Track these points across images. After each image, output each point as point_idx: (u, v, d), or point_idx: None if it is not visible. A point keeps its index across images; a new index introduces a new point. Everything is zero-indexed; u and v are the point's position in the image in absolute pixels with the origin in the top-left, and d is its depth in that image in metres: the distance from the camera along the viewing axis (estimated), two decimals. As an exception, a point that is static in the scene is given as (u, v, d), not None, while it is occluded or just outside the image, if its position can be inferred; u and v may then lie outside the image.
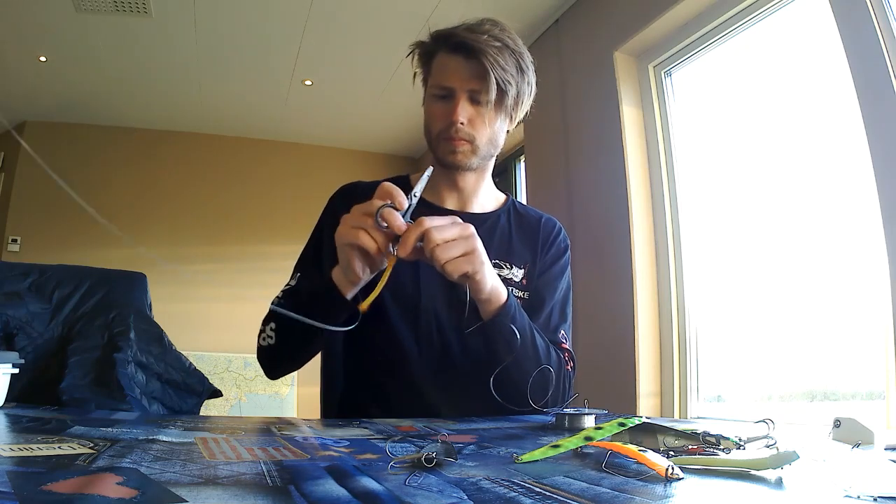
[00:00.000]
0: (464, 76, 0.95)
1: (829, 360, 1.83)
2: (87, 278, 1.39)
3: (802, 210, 1.93)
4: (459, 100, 0.95)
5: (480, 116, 0.96)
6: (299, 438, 0.57)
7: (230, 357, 4.14)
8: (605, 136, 2.50)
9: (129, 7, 2.90)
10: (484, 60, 0.92)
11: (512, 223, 1.11)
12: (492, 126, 0.98)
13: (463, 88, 0.95)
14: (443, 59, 0.98)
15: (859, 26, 1.59)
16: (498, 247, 1.06)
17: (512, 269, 1.04)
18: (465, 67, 0.94)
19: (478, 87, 0.94)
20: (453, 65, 0.95)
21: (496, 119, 0.98)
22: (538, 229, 1.11)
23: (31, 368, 1.14)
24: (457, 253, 0.79)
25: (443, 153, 0.99)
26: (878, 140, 1.54)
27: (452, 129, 0.96)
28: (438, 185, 1.07)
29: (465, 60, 0.94)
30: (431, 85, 1.00)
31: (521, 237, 1.09)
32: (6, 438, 0.52)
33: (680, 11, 2.18)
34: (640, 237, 2.35)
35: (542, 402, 0.88)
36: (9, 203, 4.10)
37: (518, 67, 0.97)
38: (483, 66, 0.92)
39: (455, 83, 0.95)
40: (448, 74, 0.96)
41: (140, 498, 0.32)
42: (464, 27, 0.96)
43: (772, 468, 0.42)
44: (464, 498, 0.35)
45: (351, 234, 0.78)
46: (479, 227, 1.06)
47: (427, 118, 1.01)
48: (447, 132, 0.97)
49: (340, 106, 4.08)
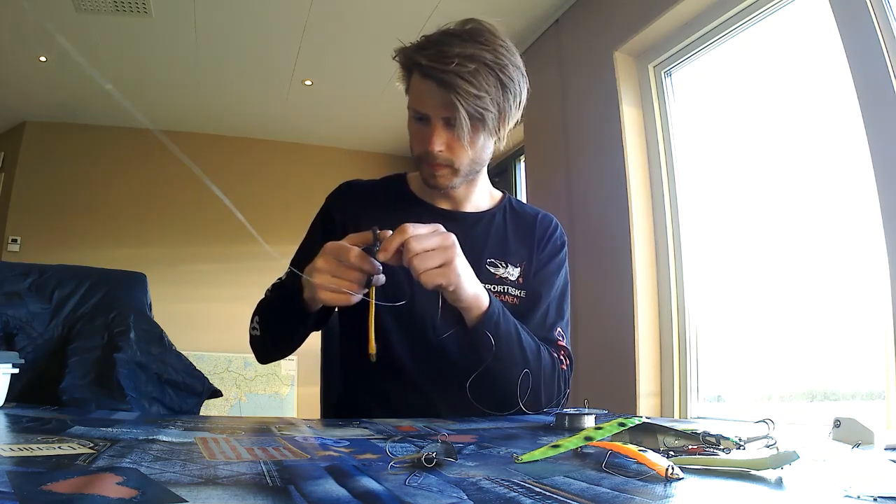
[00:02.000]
0: (436, 104, 0.90)
1: (829, 360, 1.83)
2: (87, 278, 1.39)
3: (802, 210, 1.93)
4: (435, 128, 0.92)
5: (458, 141, 0.92)
6: (299, 438, 0.57)
7: (230, 357, 4.14)
8: (605, 136, 2.50)
9: (129, 7, 2.90)
10: (452, 96, 0.87)
11: (508, 221, 1.09)
12: (473, 147, 0.95)
13: (437, 116, 0.91)
14: (417, 81, 0.93)
15: (859, 26, 1.59)
16: (494, 245, 1.05)
17: (508, 268, 1.04)
18: (437, 94, 0.89)
19: (452, 115, 0.90)
20: (427, 91, 0.91)
21: (476, 141, 0.94)
22: (534, 226, 1.10)
23: (31, 368, 1.14)
24: (433, 264, 0.79)
25: (425, 176, 0.98)
26: (878, 140, 1.54)
27: (430, 156, 0.94)
28: (430, 193, 1.06)
29: (437, 87, 0.89)
30: (409, 104, 0.97)
31: (518, 235, 1.08)
32: (6, 438, 0.52)
33: (680, 11, 2.18)
34: (640, 237, 2.35)
35: (532, 404, 0.88)
36: (9, 203, 4.10)
37: (499, 84, 0.90)
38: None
39: (429, 110, 0.92)
40: (422, 100, 0.92)
41: (140, 498, 0.32)
42: (432, 52, 0.89)
43: (772, 468, 0.42)
44: (464, 498, 0.35)
45: (329, 296, 0.81)
46: (474, 226, 1.06)
47: (409, 136, 1.00)
48: (426, 157, 0.95)
49: (340, 106, 4.08)
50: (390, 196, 1.09)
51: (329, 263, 0.80)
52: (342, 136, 4.60)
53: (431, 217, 1.03)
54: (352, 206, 1.07)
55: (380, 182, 1.14)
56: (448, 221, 1.02)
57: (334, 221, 1.06)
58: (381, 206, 1.07)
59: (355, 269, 0.79)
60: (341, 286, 0.79)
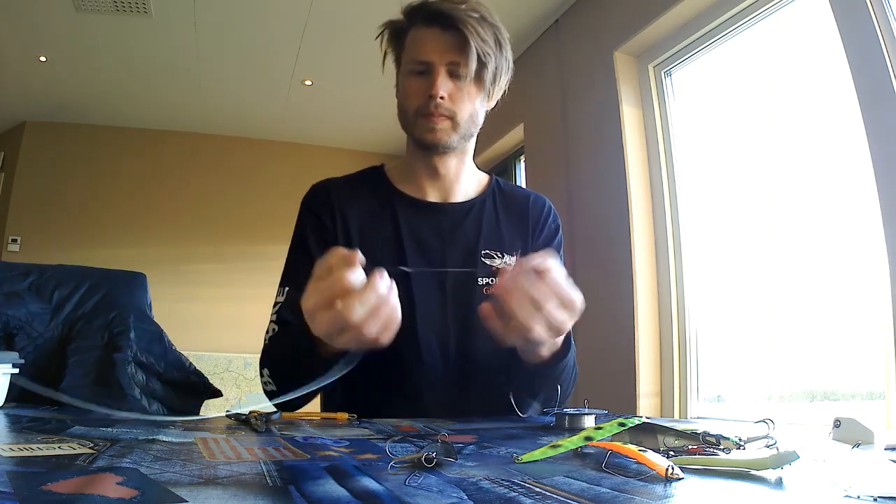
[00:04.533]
0: (442, 48, 0.89)
1: (829, 360, 1.83)
2: (87, 278, 1.39)
3: (802, 210, 1.93)
4: (438, 73, 0.90)
5: (461, 91, 0.91)
6: (299, 438, 0.57)
7: (230, 357, 4.14)
8: (605, 136, 2.50)
9: (129, 7, 2.90)
10: (464, 29, 0.87)
11: (499, 206, 1.04)
12: (472, 101, 0.93)
13: (442, 61, 0.89)
14: (418, 32, 0.92)
15: (859, 26, 1.59)
16: (487, 235, 1.00)
17: (504, 258, 0.99)
18: (442, 39, 0.89)
19: (457, 60, 0.89)
20: (430, 37, 0.90)
21: (477, 94, 0.93)
22: (526, 211, 1.05)
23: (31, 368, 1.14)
24: (563, 316, 0.70)
25: (421, 132, 0.93)
26: (878, 140, 1.54)
27: (432, 104, 0.90)
28: (418, 174, 1.01)
29: (442, 32, 0.89)
30: (407, 61, 0.94)
31: (510, 221, 1.04)
32: (6, 438, 0.52)
33: (680, 11, 2.18)
34: (640, 237, 2.34)
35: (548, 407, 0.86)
36: (9, 203, 4.10)
37: (496, 41, 0.91)
38: (462, 35, 0.87)
39: (433, 56, 0.90)
40: (425, 47, 0.90)
41: (140, 498, 0.32)
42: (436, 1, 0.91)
43: (772, 468, 0.42)
44: (464, 498, 0.35)
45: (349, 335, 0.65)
46: (464, 217, 1.01)
47: (402, 97, 0.95)
48: (426, 108, 0.91)
49: (340, 106, 4.08)
50: (372, 191, 1.03)
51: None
52: (342, 136, 4.60)
53: (418, 211, 1.00)
54: (337, 203, 1.00)
55: (356, 177, 1.06)
56: (437, 214, 1.01)
57: (326, 227, 0.98)
58: (365, 201, 1.01)
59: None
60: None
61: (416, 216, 1.00)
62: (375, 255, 0.93)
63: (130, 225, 4.28)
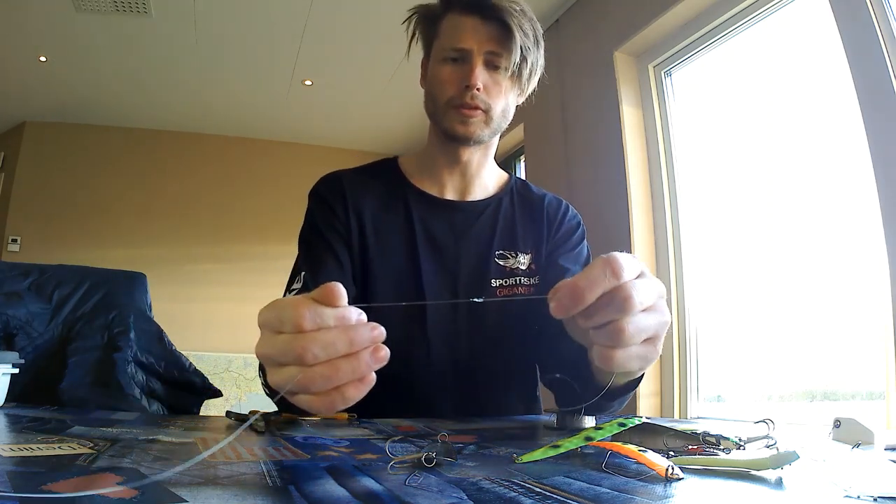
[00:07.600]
0: (482, 37, 0.86)
1: (829, 360, 1.83)
2: (87, 278, 1.39)
3: (802, 210, 1.93)
4: (476, 63, 0.86)
5: (497, 84, 0.87)
6: (299, 438, 0.57)
7: (230, 357, 4.14)
8: (604, 135, 2.50)
9: (128, 7, 2.90)
10: (509, 20, 0.83)
11: (516, 206, 1.01)
12: (507, 96, 0.89)
13: (480, 51, 0.86)
14: (455, 19, 0.88)
15: (859, 26, 1.59)
16: (502, 234, 0.97)
17: (518, 257, 0.96)
18: (483, 28, 0.86)
19: (497, 50, 0.86)
20: (470, 24, 0.86)
21: (511, 89, 0.90)
22: (542, 211, 1.01)
23: (31, 368, 1.14)
24: (642, 337, 0.47)
25: (451, 123, 0.89)
26: (878, 140, 1.54)
27: (468, 94, 0.86)
28: (438, 167, 0.97)
29: (483, 21, 0.86)
30: (441, 48, 0.90)
31: (525, 221, 1.00)
32: (6, 438, 0.52)
33: (680, 11, 2.18)
34: (640, 237, 2.34)
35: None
36: (9, 203, 4.10)
37: (535, 36, 0.88)
38: (505, 26, 0.84)
39: (472, 44, 0.86)
40: (464, 35, 0.87)
41: (140, 498, 0.32)
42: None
43: (772, 468, 0.42)
44: (464, 498, 0.35)
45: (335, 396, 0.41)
46: (481, 213, 0.98)
47: (433, 85, 0.90)
48: (459, 98, 0.87)
49: (340, 106, 4.08)
50: (385, 184, 0.99)
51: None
52: (342, 136, 4.60)
53: (432, 207, 0.97)
54: (349, 194, 0.95)
55: (368, 169, 1.02)
56: (451, 211, 0.97)
57: (338, 217, 0.93)
58: (378, 194, 0.97)
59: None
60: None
61: (430, 212, 0.97)
62: (387, 250, 0.94)
63: (130, 225, 4.28)
